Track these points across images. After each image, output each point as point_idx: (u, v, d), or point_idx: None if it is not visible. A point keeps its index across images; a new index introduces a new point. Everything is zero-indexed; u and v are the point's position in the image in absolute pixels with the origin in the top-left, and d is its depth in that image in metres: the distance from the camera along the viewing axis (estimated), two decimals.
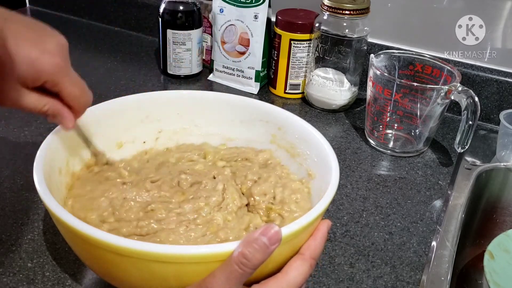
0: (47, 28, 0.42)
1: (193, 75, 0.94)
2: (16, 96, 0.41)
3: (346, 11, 0.79)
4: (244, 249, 0.35)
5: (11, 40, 0.37)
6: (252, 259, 0.34)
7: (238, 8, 0.86)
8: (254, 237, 0.35)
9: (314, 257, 0.40)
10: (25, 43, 0.39)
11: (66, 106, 0.44)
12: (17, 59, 0.38)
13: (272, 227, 0.35)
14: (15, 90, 0.40)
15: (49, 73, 0.40)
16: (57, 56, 0.40)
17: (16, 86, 0.40)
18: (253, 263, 0.35)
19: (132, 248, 0.35)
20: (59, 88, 0.42)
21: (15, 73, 0.39)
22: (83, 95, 0.44)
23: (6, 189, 0.61)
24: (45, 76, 0.40)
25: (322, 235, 0.42)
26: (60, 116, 0.44)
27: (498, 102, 0.85)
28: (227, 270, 0.35)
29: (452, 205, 0.66)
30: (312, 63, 0.86)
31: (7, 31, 0.37)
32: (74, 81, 0.43)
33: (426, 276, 0.54)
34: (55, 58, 0.40)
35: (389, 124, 0.77)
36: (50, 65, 0.40)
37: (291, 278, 0.38)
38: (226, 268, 0.35)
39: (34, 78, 0.40)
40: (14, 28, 0.39)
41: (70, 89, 0.42)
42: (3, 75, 0.38)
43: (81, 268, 0.51)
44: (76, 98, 0.43)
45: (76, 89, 0.43)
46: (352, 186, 0.68)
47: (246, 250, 0.34)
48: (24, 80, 0.40)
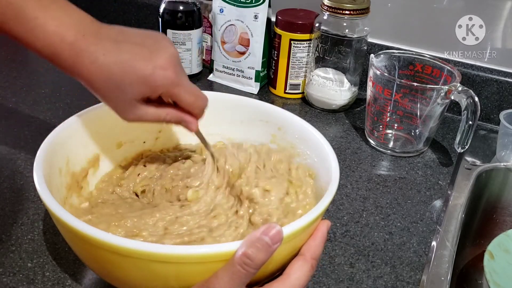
0: (158, 39, 0.44)
1: (193, 75, 0.93)
2: (136, 111, 0.44)
3: (346, 11, 0.79)
4: (247, 249, 0.35)
5: (120, 63, 0.41)
6: (255, 259, 0.35)
7: (238, 8, 0.86)
8: (256, 236, 0.35)
9: (315, 258, 0.40)
10: (136, 63, 0.41)
11: (185, 111, 0.47)
12: (132, 79, 0.41)
13: (273, 227, 0.35)
14: (133, 107, 0.44)
15: (163, 87, 0.43)
16: (169, 69, 0.42)
17: (132, 103, 0.43)
18: (256, 263, 0.35)
19: (132, 248, 0.35)
20: (175, 98, 0.45)
21: (126, 94, 0.42)
22: (198, 100, 0.46)
23: (6, 189, 0.61)
24: (160, 90, 0.43)
25: (322, 236, 0.42)
26: (183, 121, 0.47)
27: (498, 102, 0.85)
28: (230, 271, 0.35)
29: (452, 205, 0.66)
30: (312, 63, 0.86)
31: (119, 52, 0.41)
32: (188, 89, 0.45)
33: (426, 276, 0.54)
34: (167, 72, 0.42)
35: (389, 124, 0.77)
36: (163, 80, 0.42)
37: (294, 279, 0.39)
38: (229, 269, 0.35)
39: (150, 93, 0.43)
40: (124, 49, 0.41)
41: (185, 97, 0.45)
42: (117, 95, 0.42)
43: (81, 268, 0.51)
44: (191, 104, 0.46)
45: (191, 97, 0.45)
46: (352, 186, 0.68)
47: (249, 250, 0.35)
48: (141, 96, 0.43)
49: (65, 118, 0.50)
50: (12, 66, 0.94)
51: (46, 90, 0.85)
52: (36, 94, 0.84)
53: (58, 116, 0.77)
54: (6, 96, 0.82)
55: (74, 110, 0.51)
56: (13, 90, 0.84)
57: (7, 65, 0.94)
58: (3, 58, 0.97)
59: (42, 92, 0.85)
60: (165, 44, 0.44)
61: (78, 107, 0.52)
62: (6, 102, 0.80)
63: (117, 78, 0.41)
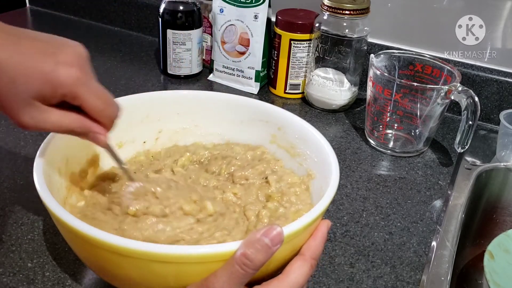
0: (64, 39, 0.39)
1: (193, 75, 0.94)
2: (33, 114, 0.37)
3: (346, 11, 0.79)
4: (246, 250, 0.35)
5: (16, 56, 0.35)
6: (254, 259, 0.35)
7: (238, 8, 0.86)
8: (256, 237, 0.35)
9: (314, 258, 0.40)
10: (36, 57, 0.36)
11: (94, 121, 0.41)
12: (28, 74, 0.36)
13: (274, 228, 0.35)
14: (29, 107, 0.37)
15: (66, 86, 0.37)
16: (74, 67, 0.37)
17: (29, 102, 0.37)
18: (255, 264, 0.35)
19: (132, 248, 0.35)
20: (80, 101, 0.38)
21: (21, 92, 0.36)
22: (108, 107, 0.40)
23: (6, 189, 0.61)
24: (62, 89, 0.37)
25: (322, 236, 0.42)
26: (90, 131, 0.41)
27: (498, 102, 0.85)
28: (229, 270, 0.35)
29: (452, 205, 0.66)
30: (312, 63, 0.86)
31: (18, 45, 0.36)
32: (97, 93, 0.39)
33: (426, 276, 0.54)
34: (72, 69, 0.37)
35: (389, 124, 0.77)
36: (66, 77, 0.37)
37: (293, 279, 0.39)
38: (228, 268, 0.35)
39: (51, 93, 0.37)
40: (24, 44, 0.37)
41: (92, 101, 0.39)
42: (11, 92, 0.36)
43: (81, 268, 0.51)
44: (100, 111, 0.40)
45: (100, 102, 0.39)
46: (352, 186, 0.68)
47: (248, 250, 0.35)
48: (41, 96, 0.37)
49: None
50: None
51: None
52: None
53: None
54: None
55: None
56: None
57: None
58: None
59: None
60: (73, 43, 0.39)
61: None
62: None
63: (12, 72, 0.35)
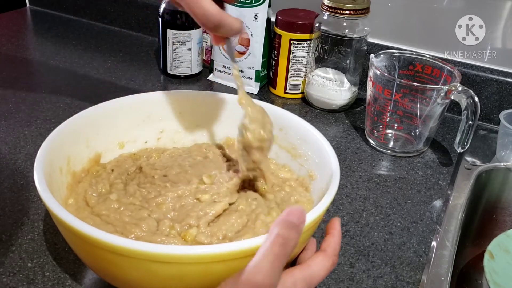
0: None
1: (193, 75, 0.94)
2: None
3: (346, 11, 0.79)
4: (279, 230, 0.34)
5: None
6: (288, 237, 0.34)
7: (238, 8, 0.86)
8: (282, 219, 0.35)
9: (336, 254, 0.41)
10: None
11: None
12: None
13: (295, 208, 0.36)
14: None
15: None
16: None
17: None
18: (291, 243, 0.34)
19: (132, 248, 0.35)
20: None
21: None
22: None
23: (6, 189, 0.61)
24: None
25: (338, 233, 0.42)
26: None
27: (498, 102, 0.85)
28: (269, 255, 0.33)
29: (452, 205, 0.66)
30: (312, 63, 0.86)
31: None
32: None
33: (426, 276, 0.54)
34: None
35: (389, 124, 0.77)
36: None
37: (315, 271, 0.38)
38: (268, 254, 0.33)
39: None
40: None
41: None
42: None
43: (81, 268, 0.51)
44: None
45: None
46: (352, 186, 0.68)
47: (281, 231, 0.34)
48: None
49: (65, 118, 0.50)
50: (12, 66, 0.94)
51: (46, 90, 0.85)
52: (36, 94, 0.84)
53: (58, 116, 0.77)
54: (6, 96, 0.82)
55: (74, 110, 0.51)
56: (13, 90, 0.84)
57: (7, 65, 0.94)
58: (3, 58, 0.97)
59: (42, 92, 0.85)
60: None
61: (78, 107, 0.53)
62: (6, 102, 0.80)
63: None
